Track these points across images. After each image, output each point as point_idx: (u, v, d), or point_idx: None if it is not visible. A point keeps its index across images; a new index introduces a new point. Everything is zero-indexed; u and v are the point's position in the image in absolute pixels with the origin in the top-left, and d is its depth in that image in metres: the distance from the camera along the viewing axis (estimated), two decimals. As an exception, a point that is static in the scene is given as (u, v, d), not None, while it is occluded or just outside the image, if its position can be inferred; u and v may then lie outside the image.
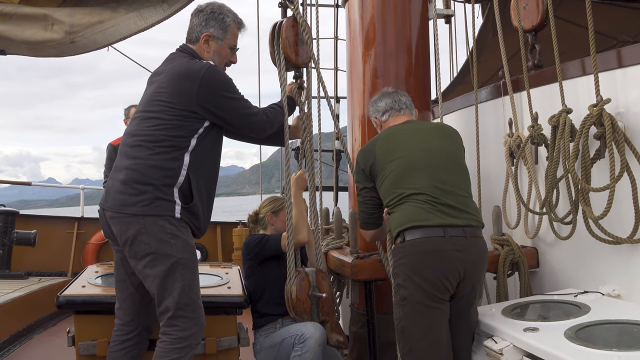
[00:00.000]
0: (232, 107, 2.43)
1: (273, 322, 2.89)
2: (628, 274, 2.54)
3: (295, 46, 2.85)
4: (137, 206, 2.26)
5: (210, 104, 2.36)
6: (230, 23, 2.56)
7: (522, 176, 3.14)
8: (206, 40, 2.53)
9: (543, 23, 3.12)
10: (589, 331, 2.08)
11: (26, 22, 3.69)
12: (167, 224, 2.27)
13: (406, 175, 2.44)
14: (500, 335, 2.24)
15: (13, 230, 5.73)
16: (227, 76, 2.47)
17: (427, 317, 2.27)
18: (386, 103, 2.78)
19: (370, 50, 3.43)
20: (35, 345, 4.33)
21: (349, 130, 3.68)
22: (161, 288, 2.28)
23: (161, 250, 2.26)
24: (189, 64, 2.42)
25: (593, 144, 2.55)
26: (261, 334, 2.91)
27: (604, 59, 2.59)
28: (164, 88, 2.37)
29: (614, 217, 2.48)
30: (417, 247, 2.29)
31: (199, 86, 2.33)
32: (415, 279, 2.27)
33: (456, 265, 2.28)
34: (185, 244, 2.32)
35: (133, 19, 3.90)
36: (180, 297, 2.28)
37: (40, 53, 3.87)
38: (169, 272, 2.27)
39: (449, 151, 2.54)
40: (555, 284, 2.95)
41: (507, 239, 3.03)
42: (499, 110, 3.36)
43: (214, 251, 6.76)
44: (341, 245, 3.36)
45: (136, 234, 2.25)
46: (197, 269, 2.39)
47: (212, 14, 2.54)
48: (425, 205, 2.35)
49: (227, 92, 2.41)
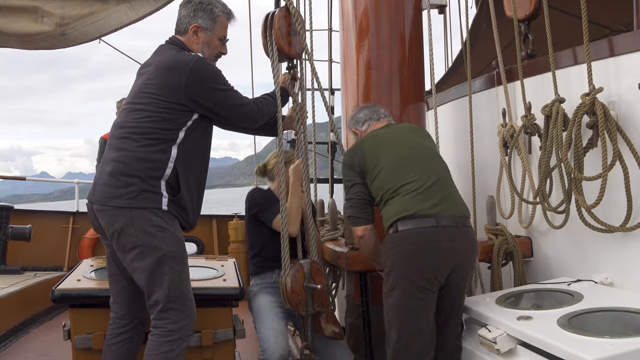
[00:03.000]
0: (221, 98, 2.41)
1: (270, 271, 3.01)
2: (621, 262, 2.56)
3: (288, 37, 2.83)
4: (123, 198, 2.25)
5: (199, 96, 2.35)
6: (219, 13, 2.53)
7: (516, 166, 3.15)
8: (195, 31, 2.50)
9: (536, 12, 3.12)
10: (581, 319, 2.10)
11: (16, 14, 3.66)
12: (153, 216, 2.26)
13: (398, 169, 2.46)
14: (494, 324, 2.26)
15: (8, 225, 5.70)
16: (215, 68, 2.45)
17: (413, 307, 2.30)
18: (365, 114, 2.83)
19: (364, 42, 3.42)
20: (32, 340, 4.34)
21: (342, 121, 3.68)
22: (150, 281, 2.27)
23: (148, 242, 2.25)
24: (177, 55, 2.40)
25: (586, 133, 2.55)
26: (257, 281, 3.06)
27: (596, 48, 2.59)
28: (152, 80, 2.36)
29: (606, 206, 2.50)
30: (409, 238, 2.31)
31: (187, 78, 2.31)
32: (405, 269, 2.29)
33: (448, 255, 2.30)
34: (173, 236, 2.31)
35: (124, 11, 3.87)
36: (169, 289, 2.27)
37: (31, 46, 3.84)
38: (157, 265, 2.25)
39: (431, 147, 2.71)
40: (549, 273, 2.97)
41: (501, 229, 3.04)
42: (492, 100, 3.37)
43: (210, 244, 6.76)
44: (336, 237, 3.37)
45: (123, 226, 2.25)
46: (186, 262, 2.38)
47: (200, 5, 2.50)
48: (418, 196, 2.36)
49: (216, 84, 2.39)
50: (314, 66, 3.32)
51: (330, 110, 3.66)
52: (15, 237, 5.72)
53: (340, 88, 4.02)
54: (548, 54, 2.77)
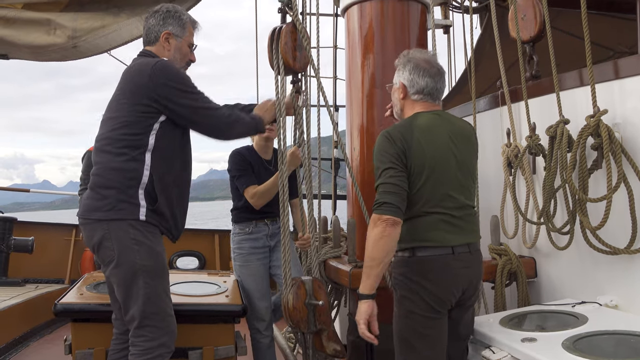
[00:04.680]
0: (184, 98, 2.37)
1: (248, 221, 3.35)
2: (626, 284, 2.55)
3: (294, 51, 2.88)
4: (101, 211, 2.27)
5: (160, 95, 2.33)
6: (187, 20, 2.59)
7: (520, 186, 3.15)
8: (166, 38, 2.54)
9: (541, 34, 3.14)
10: (586, 342, 2.08)
11: (29, 26, 3.73)
12: (131, 228, 2.25)
13: (438, 186, 2.22)
14: (498, 345, 2.24)
15: (10, 237, 5.71)
16: (180, 71, 2.47)
17: (432, 330, 2.25)
18: (427, 84, 2.31)
19: (369, 60, 3.45)
20: (32, 353, 4.31)
21: (347, 139, 3.69)
22: (125, 296, 2.26)
23: (124, 256, 2.24)
24: (142, 60, 2.46)
25: (590, 154, 2.56)
26: (236, 228, 3.42)
27: (600, 70, 2.60)
28: (120, 88, 2.41)
29: (611, 228, 2.49)
30: (426, 264, 2.23)
31: (150, 77, 2.32)
32: (422, 293, 2.23)
33: (461, 281, 2.27)
34: (151, 250, 2.29)
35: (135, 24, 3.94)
36: (145, 305, 2.24)
37: (43, 57, 3.90)
38: (132, 280, 2.24)
39: (470, 162, 2.34)
40: (553, 294, 2.95)
41: (505, 249, 3.03)
42: (496, 120, 3.38)
43: (211, 259, 6.74)
44: (339, 254, 3.36)
45: (101, 239, 2.25)
46: (164, 276, 2.36)
47: (168, 13, 2.56)
48: (442, 225, 2.21)
49: (179, 85, 2.37)
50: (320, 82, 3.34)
51: (335, 125, 3.67)
52: (18, 249, 5.72)
53: (344, 105, 4.04)
54: (552, 75, 2.79)
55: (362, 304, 2.21)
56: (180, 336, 2.59)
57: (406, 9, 3.47)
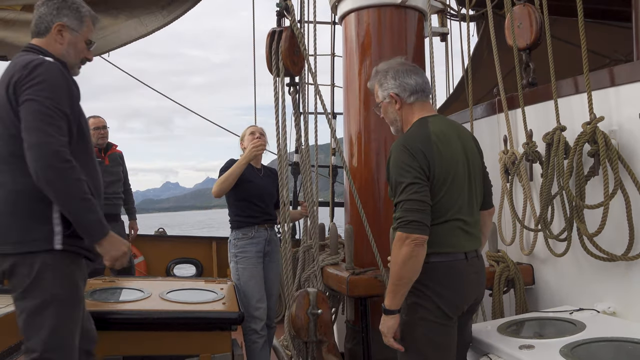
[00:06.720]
0: (27, 107, 1.93)
1: (250, 226, 3.44)
2: (623, 291, 2.55)
3: (293, 55, 2.97)
4: (8, 244, 1.99)
5: (15, 93, 1.96)
6: (86, 14, 2.19)
7: (517, 193, 3.16)
8: (59, 30, 2.12)
9: (537, 42, 3.16)
10: (584, 349, 2.08)
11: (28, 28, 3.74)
12: (39, 261, 1.97)
13: (451, 199, 2.18)
14: (496, 352, 2.24)
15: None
16: (58, 78, 2.00)
17: (444, 337, 2.22)
18: (417, 82, 2.21)
19: (367, 67, 3.46)
20: None
21: (345, 146, 3.70)
22: (27, 325, 2.00)
23: (34, 284, 1.98)
24: (23, 57, 2.05)
25: (587, 161, 2.57)
26: (239, 233, 3.48)
27: (597, 78, 2.62)
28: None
29: (608, 234, 2.50)
30: (440, 270, 2.19)
31: (16, 73, 1.97)
32: (436, 299, 2.20)
33: (474, 286, 2.26)
34: (68, 278, 2.02)
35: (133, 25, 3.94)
36: (49, 337, 1.97)
37: None
38: (38, 309, 1.98)
39: (478, 164, 2.29)
40: (550, 301, 2.95)
41: (503, 256, 3.03)
42: (494, 127, 3.39)
43: (209, 266, 6.71)
44: (337, 262, 3.35)
45: (11, 266, 2.02)
46: (77, 307, 2.07)
47: (64, 3, 2.15)
48: (458, 231, 2.18)
49: (36, 86, 1.94)
50: (319, 89, 3.36)
51: (333, 132, 3.68)
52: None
53: (341, 112, 4.05)
54: (548, 82, 2.80)
55: (390, 319, 2.18)
56: (177, 344, 2.58)
57: (403, 16, 3.49)
